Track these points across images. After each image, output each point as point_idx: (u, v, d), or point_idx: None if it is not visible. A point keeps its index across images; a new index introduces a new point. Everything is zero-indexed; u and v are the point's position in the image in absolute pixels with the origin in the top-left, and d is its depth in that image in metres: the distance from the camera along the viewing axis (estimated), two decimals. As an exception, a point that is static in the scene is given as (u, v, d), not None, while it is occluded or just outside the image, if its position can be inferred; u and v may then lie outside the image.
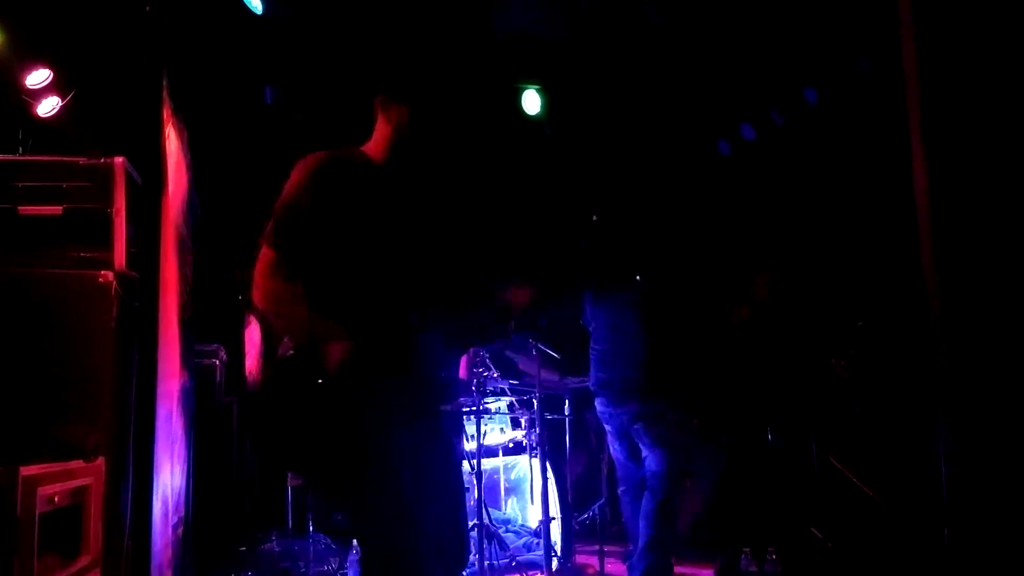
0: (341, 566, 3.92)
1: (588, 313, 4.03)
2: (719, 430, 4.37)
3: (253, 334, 5.23)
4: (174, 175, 2.65)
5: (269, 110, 5.09)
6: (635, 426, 3.63)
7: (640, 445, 3.68)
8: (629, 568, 3.59)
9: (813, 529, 3.74)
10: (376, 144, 2.11)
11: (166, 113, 2.36)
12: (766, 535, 3.91)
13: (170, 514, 2.59)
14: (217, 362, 4.99)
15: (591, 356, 3.96)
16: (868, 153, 4.77)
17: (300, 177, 1.99)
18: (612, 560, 4.22)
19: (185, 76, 2.78)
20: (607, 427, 3.89)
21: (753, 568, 3.61)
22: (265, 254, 1.95)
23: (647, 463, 3.61)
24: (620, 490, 3.88)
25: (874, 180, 4.64)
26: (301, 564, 4.01)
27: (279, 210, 1.97)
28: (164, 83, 2.25)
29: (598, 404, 3.85)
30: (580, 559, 4.53)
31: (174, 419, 2.62)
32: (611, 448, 3.94)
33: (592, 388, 3.90)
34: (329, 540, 4.16)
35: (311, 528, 4.14)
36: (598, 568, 4.01)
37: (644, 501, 3.54)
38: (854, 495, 3.92)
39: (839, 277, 4.00)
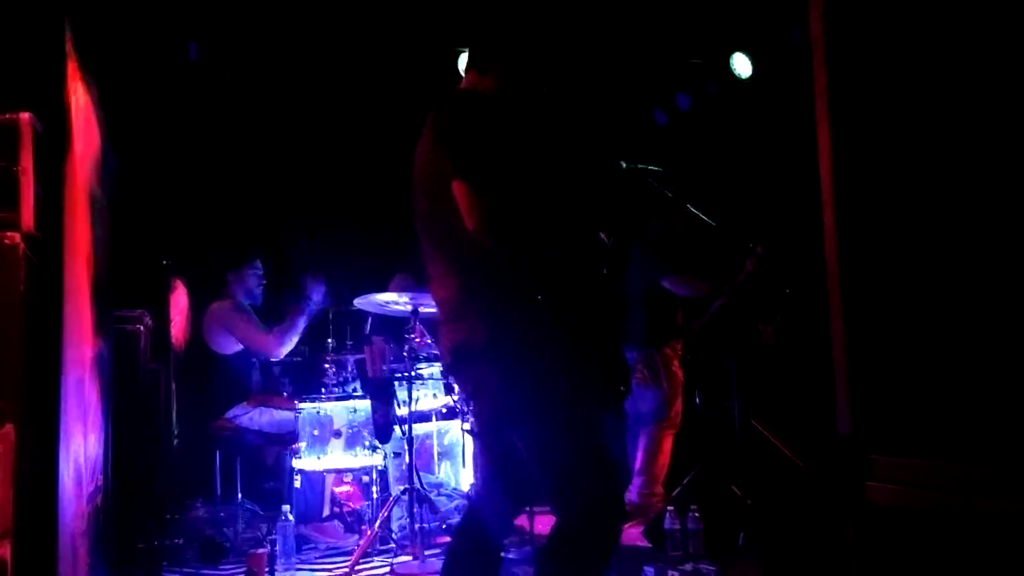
0: (270, 532, 3.90)
1: None
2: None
3: (179, 299, 5.09)
4: (84, 131, 2.53)
5: (195, 67, 4.90)
6: (635, 373, 4.29)
7: (636, 388, 4.28)
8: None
9: (734, 487, 3.87)
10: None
11: (72, 66, 2.24)
12: (689, 494, 4.03)
13: (84, 483, 2.52)
14: (142, 328, 4.83)
15: None
16: (802, 122, 4.85)
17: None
18: (542, 520, 4.30)
19: (95, 28, 2.64)
20: None
21: (676, 525, 3.71)
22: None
23: (640, 403, 4.31)
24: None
25: (805, 150, 4.72)
26: (228, 530, 3.97)
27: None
28: (67, 34, 2.13)
29: None
30: (512, 521, 4.61)
31: (87, 386, 2.54)
32: None
33: None
34: (257, 507, 4.12)
35: (239, 495, 4.10)
36: (529, 529, 4.08)
37: (641, 436, 4.31)
38: (774, 455, 4.07)
39: (767, 243, 4.10)
